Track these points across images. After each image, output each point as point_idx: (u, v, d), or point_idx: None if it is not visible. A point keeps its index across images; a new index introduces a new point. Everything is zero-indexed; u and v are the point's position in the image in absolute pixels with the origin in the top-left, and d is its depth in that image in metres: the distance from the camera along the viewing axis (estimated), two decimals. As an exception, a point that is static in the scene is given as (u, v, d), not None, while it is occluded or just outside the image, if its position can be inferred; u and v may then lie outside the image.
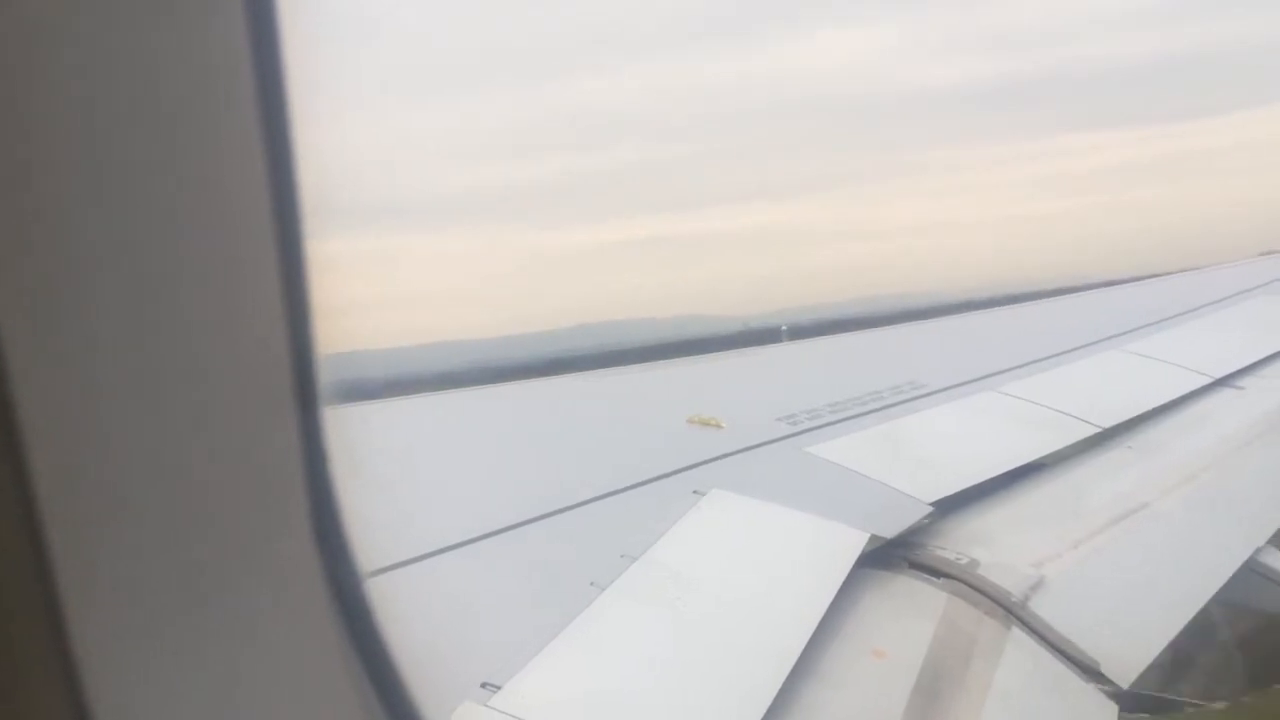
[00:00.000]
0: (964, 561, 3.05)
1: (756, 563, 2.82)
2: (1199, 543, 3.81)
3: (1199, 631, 3.26)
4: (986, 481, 3.64)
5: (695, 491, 3.05)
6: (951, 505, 3.39)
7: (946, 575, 2.98)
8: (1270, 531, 3.96)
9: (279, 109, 0.71)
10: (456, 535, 2.50)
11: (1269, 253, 11.77)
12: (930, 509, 3.24)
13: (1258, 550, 3.82)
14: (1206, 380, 5.33)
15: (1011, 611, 2.88)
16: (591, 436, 3.75)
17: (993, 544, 3.22)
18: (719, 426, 3.68)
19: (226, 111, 0.69)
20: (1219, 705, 3.57)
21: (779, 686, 2.22)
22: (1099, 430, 4.31)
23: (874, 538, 2.94)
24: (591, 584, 2.39)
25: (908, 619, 2.78)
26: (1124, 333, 6.14)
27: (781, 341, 6.69)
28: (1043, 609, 2.92)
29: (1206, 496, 4.16)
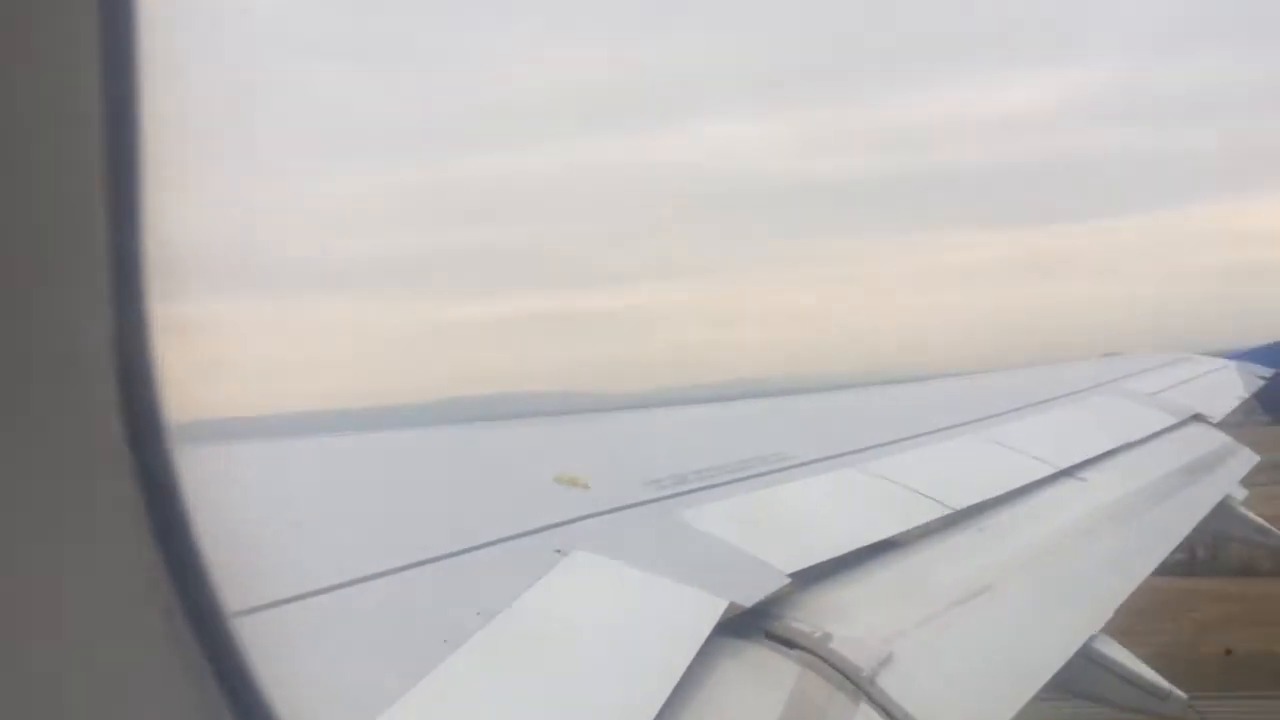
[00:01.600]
0: (818, 634, 3.08)
1: (614, 625, 2.80)
2: (1039, 627, 3.96)
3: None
4: (844, 556, 3.71)
5: (557, 551, 3.02)
6: (809, 578, 3.43)
7: (800, 647, 3.01)
8: (1105, 619, 4.16)
9: (128, 164, 0.70)
10: (308, 584, 2.41)
11: (1110, 354, 12.52)
12: (788, 580, 3.28)
13: (1092, 637, 4.00)
14: (1052, 470, 5.58)
15: (860, 686, 2.93)
16: (455, 491, 3.68)
17: (847, 618, 3.27)
18: (585, 487, 3.66)
19: (69, 173, 0.67)
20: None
21: None
22: (951, 511, 4.45)
23: (732, 605, 2.95)
24: (445, 641, 2.33)
25: (761, 689, 2.79)
26: (979, 420, 6.41)
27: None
28: (890, 685, 2.97)
29: (1047, 582, 4.34)
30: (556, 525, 3.23)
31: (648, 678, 2.54)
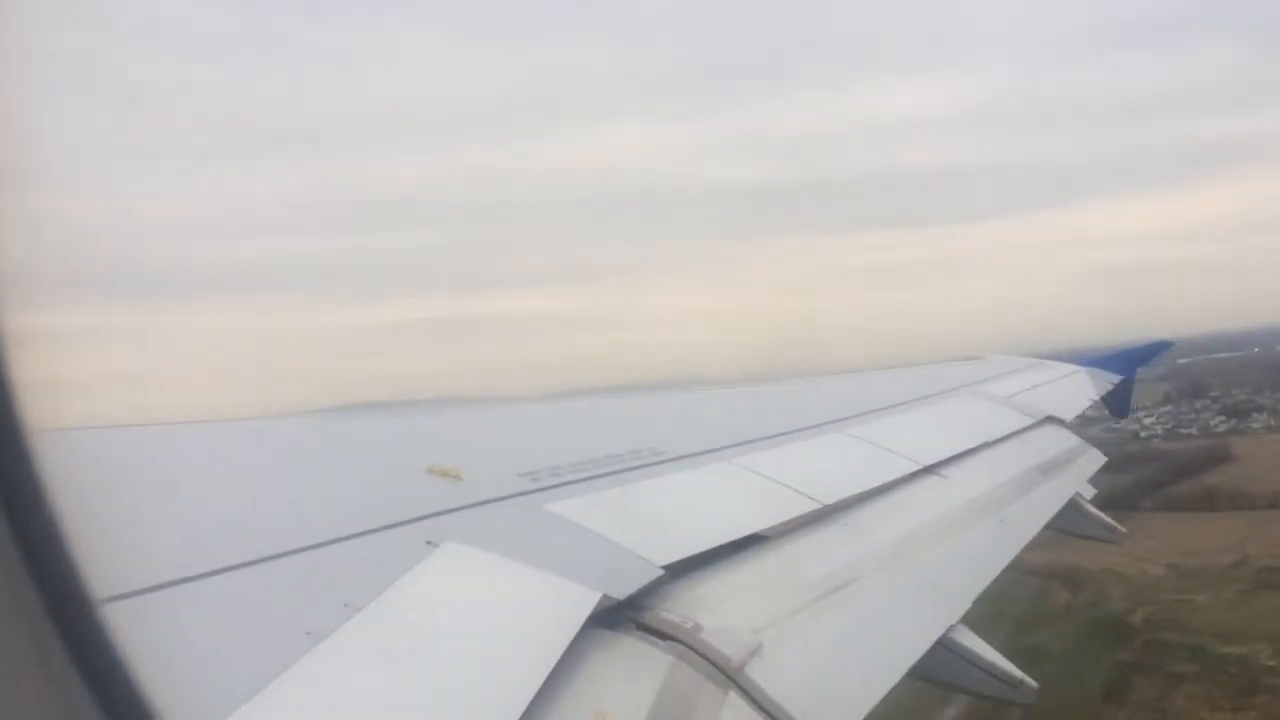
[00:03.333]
0: (689, 625, 3.12)
1: (485, 617, 2.76)
2: (900, 618, 4.09)
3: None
4: (715, 549, 3.76)
5: (428, 542, 2.97)
6: (681, 570, 3.46)
7: (672, 638, 3.03)
8: (963, 610, 4.32)
9: None
10: (168, 574, 2.31)
11: (972, 357, 13.03)
12: (661, 572, 3.30)
13: (950, 628, 4.15)
14: (915, 467, 5.78)
15: (730, 676, 2.97)
16: (323, 480, 3.58)
17: (718, 610, 3.31)
18: (458, 478, 3.61)
19: None
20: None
21: None
22: (819, 506, 4.56)
23: (605, 598, 2.95)
24: (308, 633, 2.26)
25: (632, 680, 2.80)
26: (849, 418, 6.58)
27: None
28: (758, 674, 3.03)
29: (909, 575, 4.49)
30: (427, 516, 3.17)
31: (519, 669, 2.52)
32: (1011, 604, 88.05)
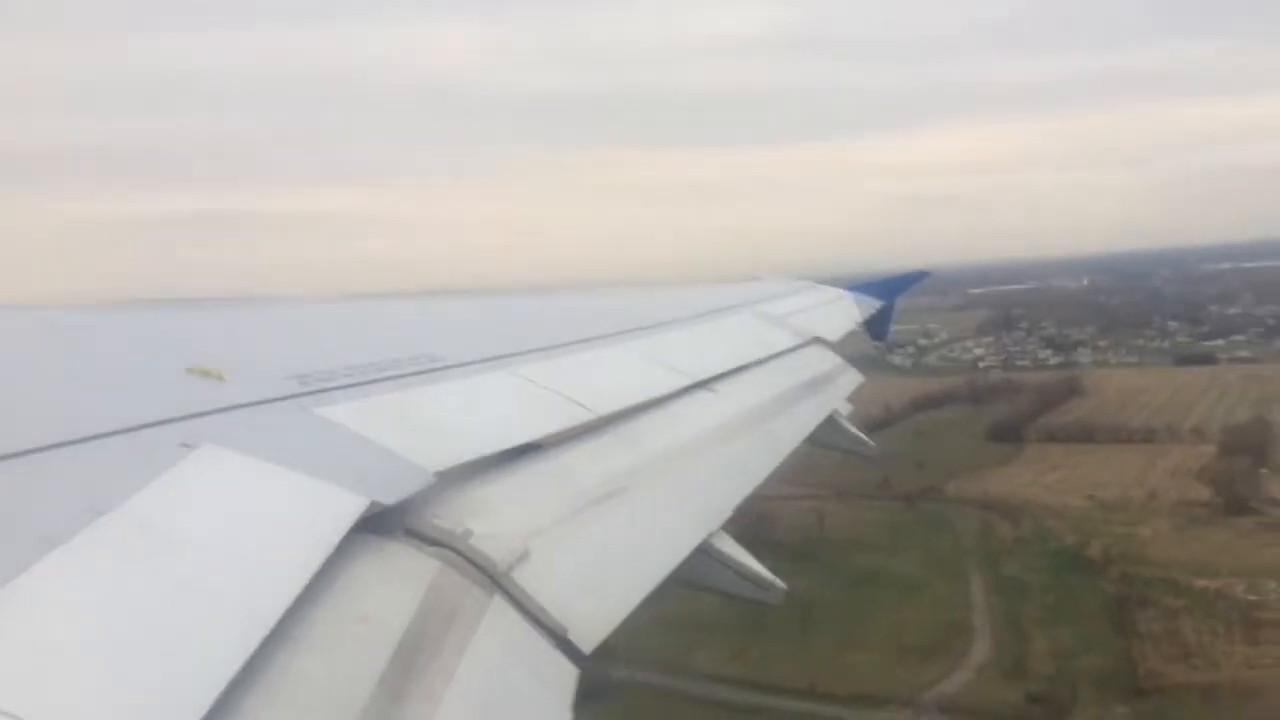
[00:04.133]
0: (459, 531, 3.14)
1: (245, 522, 2.68)
2: (665, 526, 4.27)
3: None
4: (490, 456, 3.78)
5: (184, 444, 2.83)
6: (454, 477, 3.47)
7: (440, 544, 3.05)
8: (724, 518, 4.55)
9: None
10: None
11: (755, 278, 13.53)
12: (433, 479, 3.29)
13: (711, 534, 4.37)
14: (689, 381, 5.97)
15: (496, 580, 3.02)
16: (68, 374, 3.33)
17: (488, 516, 3.35)
18: (221, 378, 3.45)
19: None
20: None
21: (253, 650, 2.14)
22: (595, 417, 4.65)
23: (374, 504, 2.92)
24: (43, 537, 2.13)
25: (398, 586, 2.80)
26: (629, 331, 6.70)
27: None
28: (524, 580, 3.10)
29: (676, 485, 4.67)
30: (185, 418, 3.02)
31: (279, 575, 2.47)
32: (966, 538, 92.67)
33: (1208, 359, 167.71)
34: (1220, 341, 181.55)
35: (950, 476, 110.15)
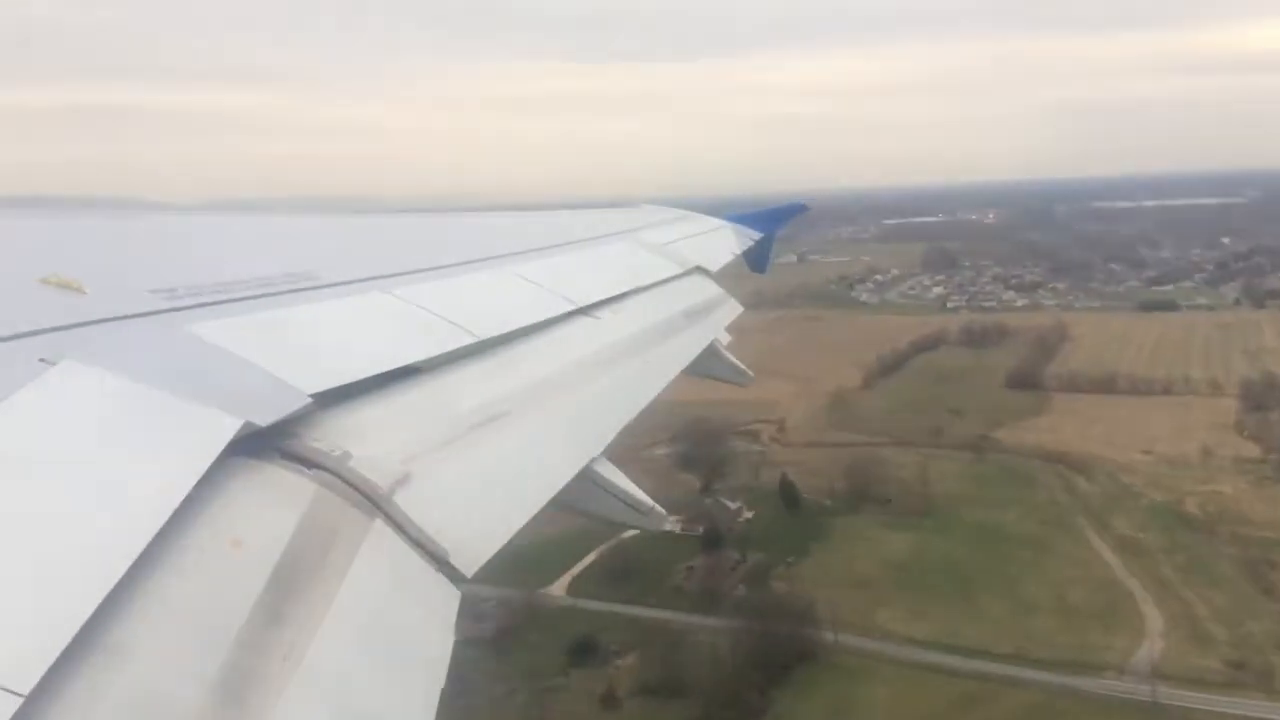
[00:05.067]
0: (337, 454, 3.07)
1: (109, 443, 2.56)
2: (546, 451, 4.27)
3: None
4: (367, 379, 3.70)
5: (42, 360, 2.68)
6: (332, 399, 3.38)
7: (318, 466, 2.98)
8: (605, 443, 4.58)
9: None
10: None
11: (638, 204, 13.49)
12: (310, 401, 3.21)
13: (592, 460, 4.39)
14: (572, 307, 5.95)
15: (376, 504, 2.98)
16: None
17: (367, 439, 3.28)
18: (81, 291, 3.27)
19: None
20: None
21: (119, 577, 2.06)
22: (476, 340, 4.59)
23: (247, 425, 2.83)
24: None
25: (273, 509, 2.73)
26: (513, 254, 6.62)
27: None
28: (405, 503, 3.06)
29: (557, 410, 4.66)
30: (42, 332, 2.86)
31: (147, 498, 2.38)
32: (1055, 493, 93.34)
33: (1170, 305, 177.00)
34: (1170, 287, 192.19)
35: (995, 425, 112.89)
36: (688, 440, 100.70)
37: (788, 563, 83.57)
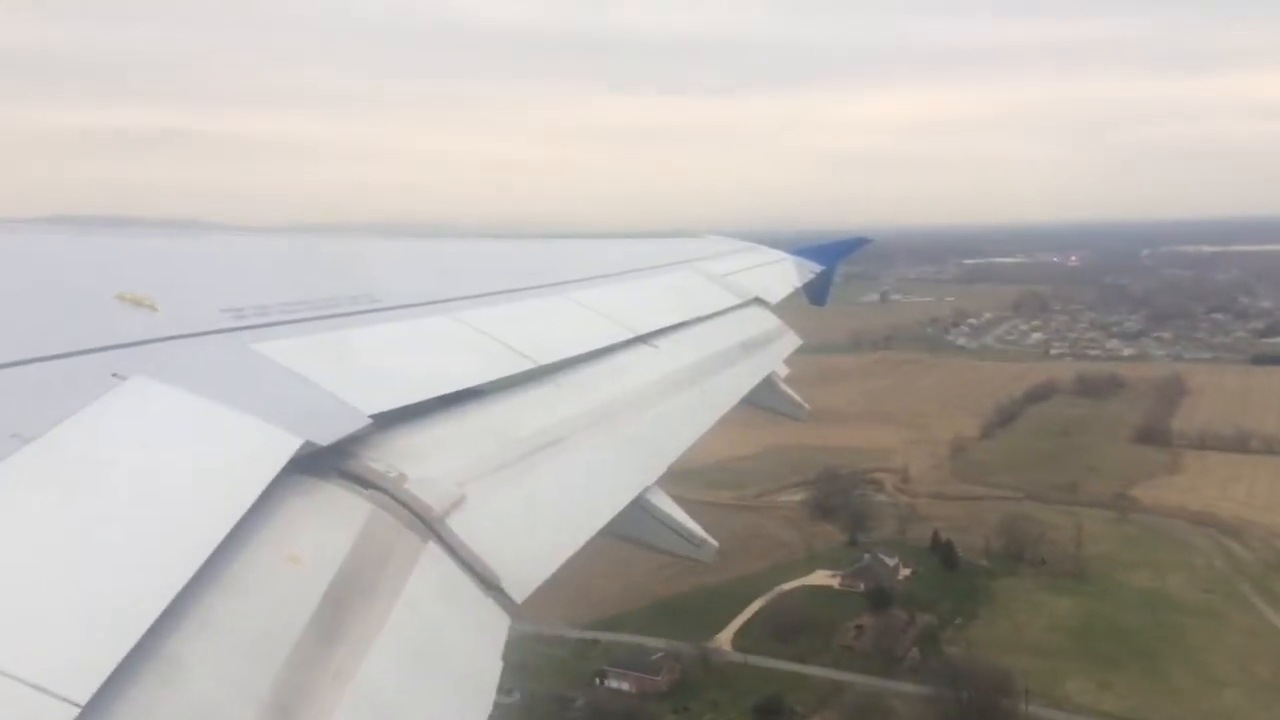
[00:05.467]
0: (393, 475, 3.10)
1: (175, 457, 2.62)
2: (601, 478, 4.27)
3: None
4: (427, 401, 3.74)
5: (115, 375, 2.75)
6: (391, 420, 3.42)
7: (375, 487, 3.01)
8: (659, 473, 4.57)
9: None
10: None
11: (695, 235, 13.51)
12: (370, 421, 3.25)
13: (646, 489, 4.38)
14: (630, 335, 5.96)
15: (430, 526, 3.00)
16: None
17: (424, 461, 3.31)
18: (153, 308, 3.35)
19: None
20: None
21: (180, 588, 2.09)
22: (535, 366, 4.62)
23: (308, 443, 2.87)
24: None
25: (330, 528, 2.76)
26: (572, 282, 6.66)
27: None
28: (459, 525, 3.08)
29: (613, 438, 4.67)
30: (116, 347, 2.94)
31: (210, 511, 2.42)
32: (1212, 557, 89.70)
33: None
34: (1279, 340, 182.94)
35: (1130, 482, 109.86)
36: (822, 488, 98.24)
37: (956, 625, 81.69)
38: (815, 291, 13.21)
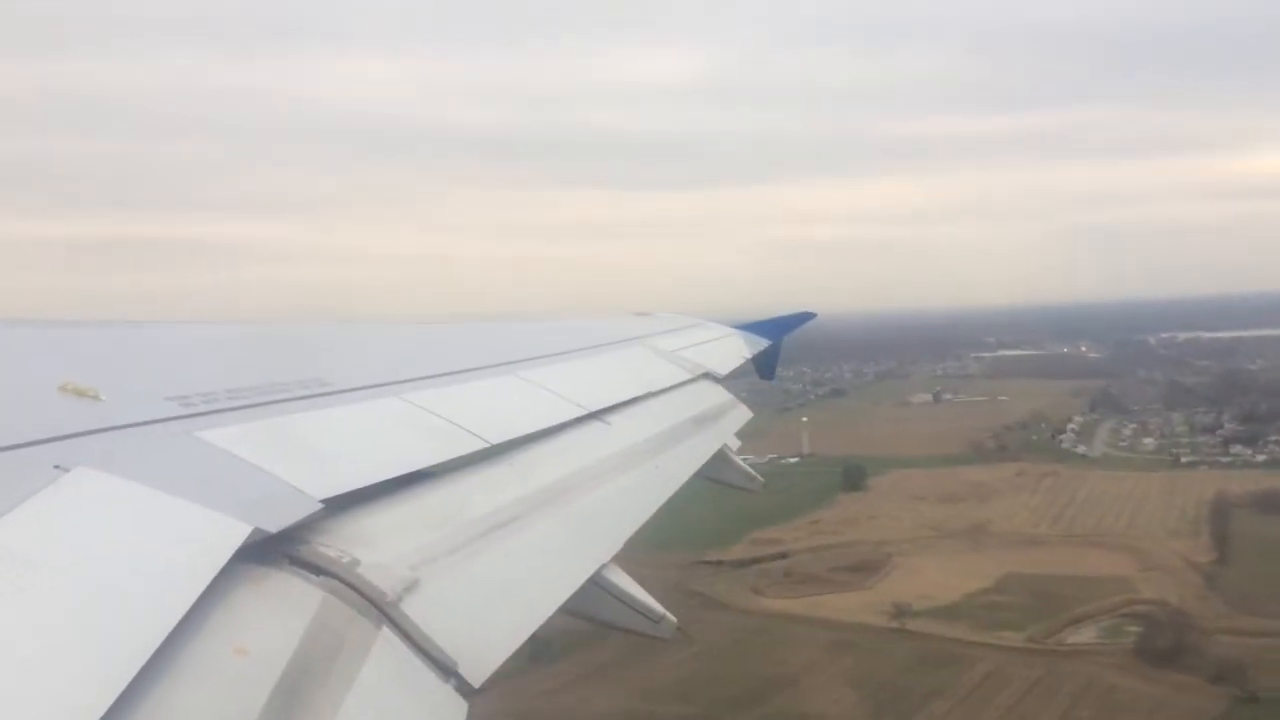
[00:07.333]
0: (345, 560, 3.05)
1: (120, 549, 2.56)
2: (556, 557, 4.23)
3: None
4: (379, 484, 3.70)
5: (57, 466, 2.70)
6: (342, 504, 3.38)
7: (326, 573, 2.96)
8: (615, 550, 4.54)
9: None
10: None
11: (642, 313, 13.62)
12: (320, 506, 3.21)
13: (602, 566, 4.35)
14: (582, 412, 5.97)
15: (384, 612, 2.95)
16: None
17: (376, 545, 3.27)
18: (96, 398, 3.30)
19: None
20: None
21: (125, 685, 2.03)
22: (487, 445, 4.60)
23: (257, 530, 2.82)
24: None
25: (280, 616, 2.70)
26: (522, 361, 6.67)
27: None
28: (413, 610, 3.03)
29: (567, 516, 4.64)
30: (57, 439, 2.88)
31: (157, 604, 2.36)
32: None
33: None
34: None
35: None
36: (1151, 630, 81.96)
37: None
38: (764, 366, 13.33)
